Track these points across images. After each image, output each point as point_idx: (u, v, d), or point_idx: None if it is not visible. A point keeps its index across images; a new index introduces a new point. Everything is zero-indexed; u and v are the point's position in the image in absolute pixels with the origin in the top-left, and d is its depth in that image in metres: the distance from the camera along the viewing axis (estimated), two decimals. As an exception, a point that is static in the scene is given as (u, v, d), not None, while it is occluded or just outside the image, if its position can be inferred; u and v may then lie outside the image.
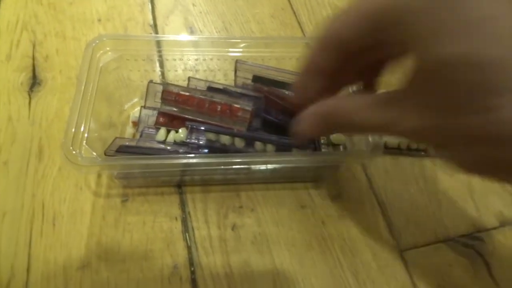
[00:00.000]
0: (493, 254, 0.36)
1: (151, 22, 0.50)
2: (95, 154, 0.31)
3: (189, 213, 0.36)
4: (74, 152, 0.29)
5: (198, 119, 0.37)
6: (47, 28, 0.48)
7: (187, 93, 0.38)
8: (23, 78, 0.43)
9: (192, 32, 0.50)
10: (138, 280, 0.33)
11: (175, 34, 0.50)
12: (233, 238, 0.35)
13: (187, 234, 0.35)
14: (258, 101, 0.36)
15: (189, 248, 0.35)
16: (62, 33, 0.48)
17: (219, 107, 0.36)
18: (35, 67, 0.45)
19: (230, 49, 0.39)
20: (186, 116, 0.37)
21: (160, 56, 0.43)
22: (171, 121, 0.38)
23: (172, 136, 0.37)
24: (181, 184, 0.38)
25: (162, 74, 0.44)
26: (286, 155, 0.34)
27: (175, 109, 0.38)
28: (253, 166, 0.34)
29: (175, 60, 0.42)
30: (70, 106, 0.41)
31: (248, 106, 0.35)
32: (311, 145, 0.37)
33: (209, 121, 0.36)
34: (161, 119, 0.38)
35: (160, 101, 0.38)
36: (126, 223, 0.35)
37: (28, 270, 0.32)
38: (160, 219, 0.36)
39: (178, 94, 0.38)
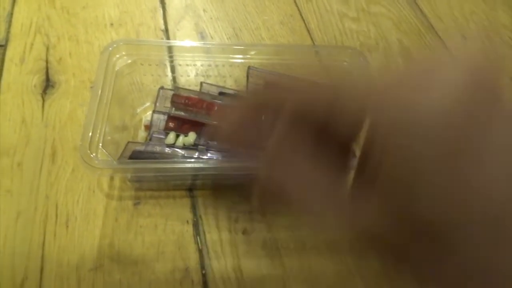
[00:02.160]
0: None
1: (163, 27, 0.51)
2: (110, 157, 0.31)
3: (200, 217, 0.37)
4: (92, 155, 0.29)
5: (207, 121, 0.37)
6: (60, 31, 0.49)
7: (197, 97, 0.39)
8: (37, 80, 0.44)
9: (202, 37, 0.51)
10: (150, 282, 0.33)
11: (186, 39, 0.51)
12: (244, 242, 0.36)
13: (198, 238, 0.36)
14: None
15: (200, 251, 0.35)
16: (75, 37, 0.48)
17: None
18: (48, 70, 0.45)
19: (241, 56, 0.40)
20: (195, 119, 0.38)
21: (172, 61, 0.43)
22: (180, 126, 0.39)
23: (181, 140, 0.37)
24: (192, 188, 0.38)
25: (174, 79, 0.45)
26: None
27: (184, 113, 0.38)
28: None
29: (187, 65, 0.42)
30: (86, 109, 0.42)
31: None
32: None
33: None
34: (170, 124, 0.39)
35: (170, 105, 0.38)
36: (138, 226, 0.36)
37: (41, 271, 0.33)
38: (172, 222, 0.36)
39: (187, 98, 0.38)
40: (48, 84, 0.44)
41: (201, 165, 0.32)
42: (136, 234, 0.35)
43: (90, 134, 0.31)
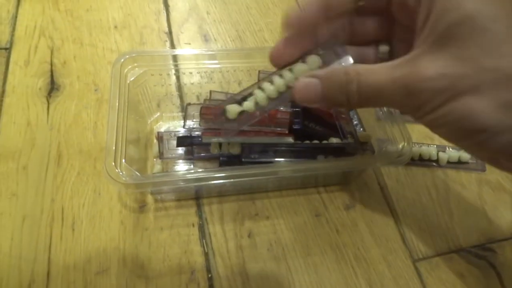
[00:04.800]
0: (505, 265, 0.37)
1: (166, 29, 0.51)
2: (134, 171, 0.31)
3: (206, 219, 0.37)
4: (121, 173, 0.30)
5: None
6: (65, 34, 0.49)
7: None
8: (42, 83, 0.44)
9: (206, 40, 0.51)
10: (156, 286, 0.33)
11: (189, 41, 0.51)
12: (249, 245, 0.36)
13: (204, 241, 0.36)
14: (297, 113, 0.37)
15: (206, 254, 0.35)
16: (79, 40, 0.48)
17: (257, 113, 0.36)
18: (53, 73, 0.45)
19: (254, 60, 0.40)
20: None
21: (177, 70, 0.43)
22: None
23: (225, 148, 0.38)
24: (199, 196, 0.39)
25: (180, 87, 0.45)
26: (313, 163, 0.35)
27: (214, 124, 0.37)
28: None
29: (198, 73, 0.42)
30: (90, 112, 0.42)
31: (286, 108, 0.36)
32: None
33: (250, 130, 0.36)
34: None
35: (198, 120, 0.38)
36: (144, 229, 0.36)
37: (48, 274, 0.33)
38: (178, 225, 0.36)
39: (216, 108, 0.38)
40: (53, 87, 0.44)
41: (232, 172, 0.32)
42: (142, 237, 0.35)
43: (114, 148, 0.31)
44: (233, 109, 0.29)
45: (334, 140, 0.38)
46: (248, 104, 0.29)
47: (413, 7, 0.23)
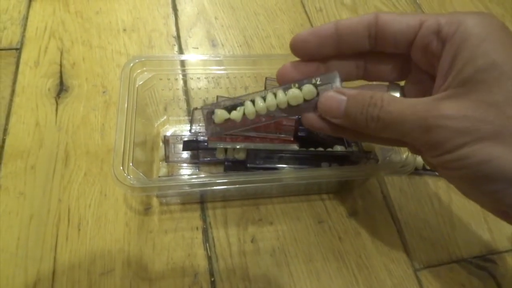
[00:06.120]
0: (506, 277, 0.37)
1: (175, 33, 0.52)
2: (141, 175, 0.31)
3: (210, 223, 0.37)
4: (128, 177, 0.30)
5: (243, 134, 0.37)
6: (74, 36, 0.49)
7: None
8: (51, 84, 0.45)
9: (214, 45, 0.52)
10: (159, 288, 0.34)
11: (197, 46, 0.51)
12: (252, 250, 0.36)
13: (207, 244, 0.36)
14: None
15: (209, 258, 0.35)
16: (89, 42, 0.49)
17: (263, 119, 0.36)
18: (62, 74, 0.46)
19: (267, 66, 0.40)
20: (232, 134, 0.37)
21: (185, 75, 0.43)
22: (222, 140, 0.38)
23: (230, 153, 0.38)
24: (203, 200, 0.39)
25: (188, 91, 0.45)
26: (318, 171, 0.35)
27: (220, 130, 0.38)
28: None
29: (206, 78, 0.43)
30: (98, 114, 0.42)
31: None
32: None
33: (255, 136, 0.37)
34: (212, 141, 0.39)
35: (204, 124, 0.38)
36: (148, 231, 0.36)
37: (53, 274, 0.33)
38: (182, 228, 0.37)
39: None
40: (62, 88, 0.45)
41: (236, 178, 0.32)
42: (146, 239, 0.36)
43: (122, 151, 0.31)
44: (220, 115, 0.30)
45: (338, 148, 0.39)
46: (236, 114, 0.30)
47: (436, 52, 0.23)
